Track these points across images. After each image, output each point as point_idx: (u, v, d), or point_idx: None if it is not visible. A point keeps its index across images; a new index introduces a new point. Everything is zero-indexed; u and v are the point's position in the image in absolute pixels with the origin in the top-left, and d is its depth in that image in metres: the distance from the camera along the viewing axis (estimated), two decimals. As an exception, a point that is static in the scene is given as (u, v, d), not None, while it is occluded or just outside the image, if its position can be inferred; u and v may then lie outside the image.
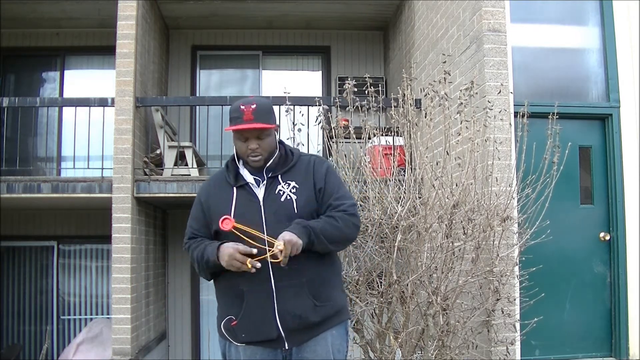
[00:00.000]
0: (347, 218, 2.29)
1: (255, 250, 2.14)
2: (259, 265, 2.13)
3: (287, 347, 2.26)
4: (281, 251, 2.07)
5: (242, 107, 2.24)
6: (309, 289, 2.24)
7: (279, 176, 2.32)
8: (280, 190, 2.29)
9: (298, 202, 2.27)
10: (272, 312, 2.22)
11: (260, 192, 2.30)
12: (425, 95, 3.89)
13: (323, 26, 7.61)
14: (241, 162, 2.39)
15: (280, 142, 2.43)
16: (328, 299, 2.30)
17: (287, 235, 2.11)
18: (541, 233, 3.71)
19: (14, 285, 7.23)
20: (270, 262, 2.14)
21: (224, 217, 2.18)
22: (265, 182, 2.32)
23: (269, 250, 2.11)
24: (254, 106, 2.24)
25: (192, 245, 2.34)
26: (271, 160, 2.34)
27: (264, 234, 2.20)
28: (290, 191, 2.29)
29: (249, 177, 2.33)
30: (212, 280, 2.40)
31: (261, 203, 2.28)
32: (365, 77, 4.00)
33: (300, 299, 2.21)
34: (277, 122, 2.39)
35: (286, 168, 2.35)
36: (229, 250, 2.15)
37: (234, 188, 2.32)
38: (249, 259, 2.12)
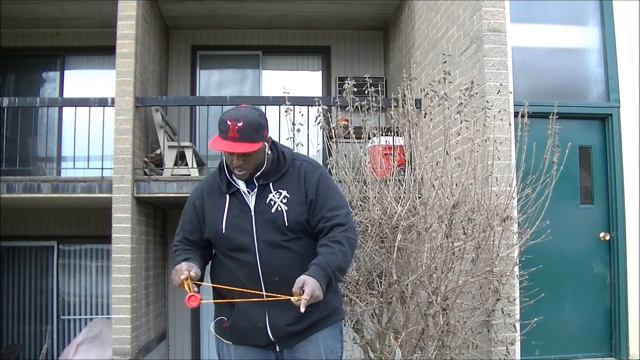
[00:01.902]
0: (350, 237, 2.23)
1: (185, 274, 2.11)
2: (196, 288, 2.12)
3: (278, 350, 2.29)
4: (306, 299, 2.01)
5: (229, 123, 2.12)
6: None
7: (271, 184, 2.27)
8: (271, 200, 2.25)
9: (289, 213, 2.23)
10: (263, 324, 2.22)
11: (251, 200, 2.27)
12: (425, 95, 3.89)
13: (323, 26, 7.60)
14: None
15: (273, 144, 2.35)
16: (320, 303, 2.21)
17: (312, 285, 2.02)
18: (541, 233, 3.71)
19: (14, 285, 7.22)
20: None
21: (190, 295, 2.08)
22: (256, 190, 2.27)
23: (296, 295, 2.04)
24: (240, 124, 2.11)
25: (177, 252, 2.34)
26: (260, 172, 2.27)
27: (254, 245, 2.20)
28: (281, 201, 2.24)
29: (241, 184, 2.29)
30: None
31: (252, 213, 2.25)
32: (365, 77, 4.00)
33: (292, 309, 2.09)
34: (268, 134, 2.27)
35: (278, 176, 2.29)
36: (177, 266, 2.17)
37: (227, 195, 2.29)
38: (187, 282, 2.09)
